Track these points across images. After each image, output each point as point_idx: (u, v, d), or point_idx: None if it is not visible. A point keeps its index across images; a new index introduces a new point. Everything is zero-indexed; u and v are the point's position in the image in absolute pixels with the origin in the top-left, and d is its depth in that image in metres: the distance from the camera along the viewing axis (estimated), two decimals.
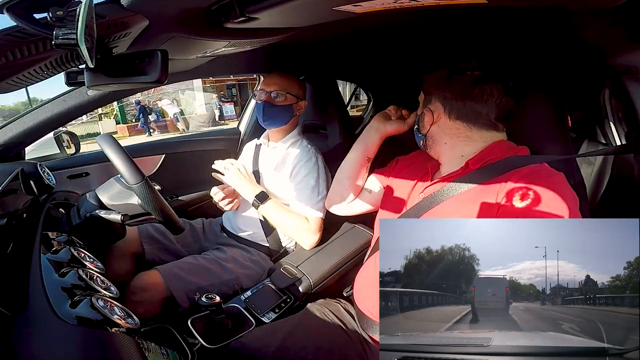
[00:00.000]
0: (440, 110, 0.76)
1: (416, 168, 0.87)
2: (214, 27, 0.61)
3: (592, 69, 0.90)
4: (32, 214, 0.77)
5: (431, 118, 0.77)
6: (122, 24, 0.52)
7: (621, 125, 1.27)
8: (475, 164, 0.71)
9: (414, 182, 0.84)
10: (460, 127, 0.75)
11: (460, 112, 0.74)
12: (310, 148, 1.20)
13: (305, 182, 1.13)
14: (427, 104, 0.79)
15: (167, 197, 1.45)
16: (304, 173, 1.14)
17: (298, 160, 1.16)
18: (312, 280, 0.98)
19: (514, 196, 0.63)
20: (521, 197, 0.62)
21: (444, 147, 0.78)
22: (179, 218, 0.86)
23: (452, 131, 0.76)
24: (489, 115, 0.72)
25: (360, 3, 0.51)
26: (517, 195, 0.63)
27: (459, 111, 0.74)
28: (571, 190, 0.63)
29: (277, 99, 1.16)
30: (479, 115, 0.73)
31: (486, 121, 0.73)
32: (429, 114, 0.77)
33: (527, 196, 0.62)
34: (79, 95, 1.01)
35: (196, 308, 0.85)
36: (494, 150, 0.72)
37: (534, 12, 0.67)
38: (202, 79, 10.40)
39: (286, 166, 1.18)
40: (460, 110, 0.74)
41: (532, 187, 0.62)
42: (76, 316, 0.52)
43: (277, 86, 1.16)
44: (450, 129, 0.76)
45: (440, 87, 0.75)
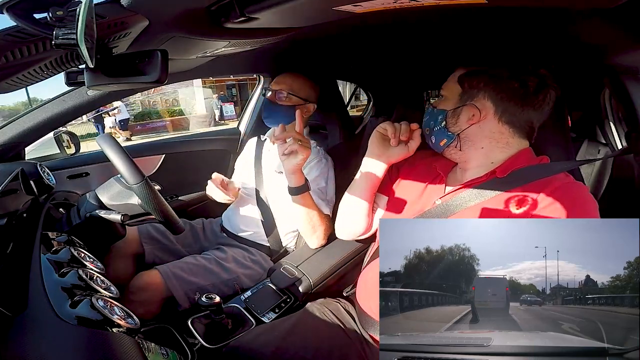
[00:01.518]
0: (489, 109, 0.68)
1: (423, 171, 0.82)
2: (214, 27, 0.61)
3: (592, 69, 0.90)
4: (32, 214, 0.77)
5: (475, 116, 0.69)
6: (122, 24, 0.52)
7: (621, 125, 1.27)
8: (503, 172, 0.68)
9: (424, 186, 0.79)
10: (505, 132, 0.69)
11: (514, 117, 0.68)
12: (319, 149, 1.20)
13: (317, 182, 1.12)
14: (470, 99, 0.70)
15: (167, 197, 1.45)
16: (315, 174, 1.13)
17: (308, 161, 1.15)
18: (312, 280, 0.98)
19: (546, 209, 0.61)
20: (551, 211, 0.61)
21: (479, 151, 0.71)
22: (178, 218, 0.86)
23: (495, 135, 0.69)
24: (536, 123, 0.69)
25: (360, 3, 0.51)
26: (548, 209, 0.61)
27: (513, 116, 0.68)
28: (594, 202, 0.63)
29: (281, 99, 1.16)
30: (529, 123, 0.69)
31: (530, 129, 0.69)
32: (473, 110, 0.69)
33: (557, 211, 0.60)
34: (79, 95, 1.01)
35: (196, 308, 0.85)
36: (521, 158, 0.69)
37: (533, 12, 0.67)
38: (202, 79, 10.40)
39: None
40: (515, 115, 0.67)
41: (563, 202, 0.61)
42: (76, 316, 0.52)
43: (284, 86, 1.16)
44: (492, 132, 0.69)
45: (497, 86, 0.67)
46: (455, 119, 0.71)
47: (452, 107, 0.72)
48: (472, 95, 0.70)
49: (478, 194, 0.67)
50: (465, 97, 0.71)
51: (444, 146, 0.74)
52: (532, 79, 0.66)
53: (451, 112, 0.72)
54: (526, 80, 0.66)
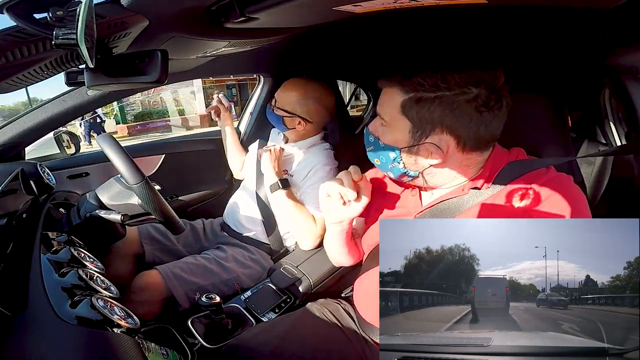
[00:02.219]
0: (451, 143, 0.59)
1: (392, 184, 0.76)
2: (214, 27, 0.61)
3: (592, 69, 0.90)
4: (32, 214, 0.77)
5: (436, 154, 0.60)
6: (122, 24, 0.52)
7: (621, 125, 1.27)
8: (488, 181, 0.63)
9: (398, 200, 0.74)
10: (473, 156, 0.62)
11: (478, 141, 0.59)
12: (330, 152, 1.21)
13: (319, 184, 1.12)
14: (425, 135, 0.59)
15: (167, 197, 1.45)
16: (321, 175, 1.13)
17: (317, 162, 1.15)
18: (312, 280, 0.98)
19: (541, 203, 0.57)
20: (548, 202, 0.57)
21: (450, 177, 0.65)
22: (179, 218, 0.86)
23: (463, 162, 0.62)
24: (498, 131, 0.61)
25: (360, 3, 0.51)
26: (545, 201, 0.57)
27: (476, 140, 0.59)
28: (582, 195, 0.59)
29: (275, 108, 1.18)
30: (494, 137, 0.61)
31: (495, 139, 0.62)
32: (433, 149, 0.60)
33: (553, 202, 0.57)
34: (79, 95, 1.01)
35: (196, 308, 0.85)
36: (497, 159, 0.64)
37: (533, 12, 0.67)
38: (202, 79, 10.40)
39: (299, 167, 1.18)
40: (478, 139, 0.59)
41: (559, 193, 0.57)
42: (76, 316, 0.52)
43: (279, 97, 1.17)
44: (460, 162, 0.62)
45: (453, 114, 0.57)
46: (413, 158, 0.62)
47: (404, 145, 0.61)
48: (426, 130, 0.59)
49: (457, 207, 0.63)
50: (418, 134, 0.60)
51: (406, 181, 0.67)
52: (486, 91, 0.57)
53: (406, 150, 0.62)
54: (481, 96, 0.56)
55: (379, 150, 0.65)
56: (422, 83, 0.57)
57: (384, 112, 0.64)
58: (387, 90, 0.63)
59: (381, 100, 0.64)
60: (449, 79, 0.56)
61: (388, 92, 0.63)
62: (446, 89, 0.57)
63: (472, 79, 0.56)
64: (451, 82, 0.56)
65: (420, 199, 0.71)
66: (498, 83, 0.57)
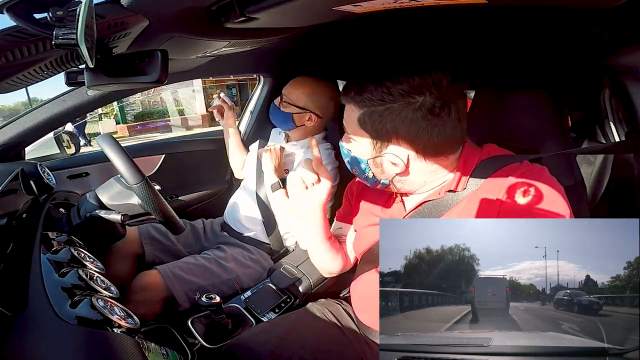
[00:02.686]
0: (410, 153, 0.61)
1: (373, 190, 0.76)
2: (214, 27, 0.61)
3: (592, 69, 0.90)
4: (32, 214, 0.77)
5: (398, 165, 0.62)
6: (122, 24, 0.52)
7: (621, 125, 1.27)
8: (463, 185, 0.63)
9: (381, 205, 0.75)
10: (438, 161, 0.63)
11: (436, 146, 0.60)
12: (332, 152, 1.21)
13: None
14: (383, 147, 0.61)
15: (167, 197, 1.45)
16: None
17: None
18: (312, 280, 0.98)
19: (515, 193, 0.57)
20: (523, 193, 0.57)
21: (419, 183, 0.66)
22: (179, 218, 0.86)
23: (429, 168, 0.63)
24: (460, 132, 0.61)
25: (360, 3, 0.51)
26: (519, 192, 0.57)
27: (435, 147, 0.60)
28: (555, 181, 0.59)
29: (283, 105, 1.17)
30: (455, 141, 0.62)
31: (461, 139, 0.63)
32: (393, 159, 0.61)
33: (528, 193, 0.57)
34: (79, 95, 1.01)
35: (196, 308, 0.85)
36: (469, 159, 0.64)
37: (533, 12, 0.67)
38: (202, 79, 10.40)
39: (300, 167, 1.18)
40: (436, 145, 0.59)
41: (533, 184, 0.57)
42: (76, 316, 0.52)
43: (290, 94, 1.16)
44: (425, 168, 0.63)
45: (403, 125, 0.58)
46: (379, 168, 0.64)
47: (368, 157, 0.64)
48: (384, 142, 0.61)
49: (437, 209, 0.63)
50: (378, 145, 0.62)
51: (382, 188, 0.69)
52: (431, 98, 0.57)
53: (371, 162, 0.64)
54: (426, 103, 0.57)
55: (353, 161, 0.68)
56: (371, 97, 0.59)
57: (347, 126, 0.66)
58: (347, 106, 0.64)
59: (344, 115, 0.66)
60: (392, 91, 0.57)
61: (347, 108, 0.64)
62: (392, 101, 0.57)
63: (415, 88, 0.56)
64: (395, 94, 0.57)
65: (404, 204, 0.72)
66: (441, 88, 0.57)
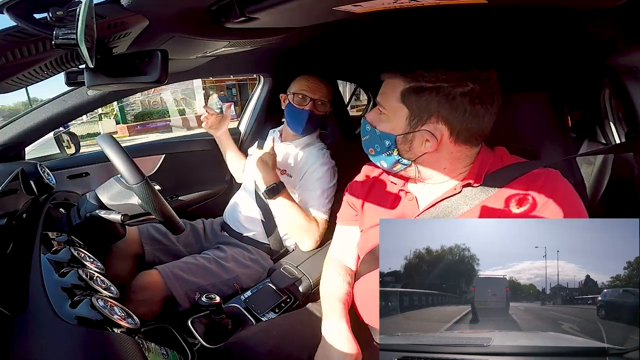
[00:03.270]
0: (444, 133, 0.61)
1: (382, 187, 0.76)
2: (214, 27, 0.61)
3: (592, 69, 0.90)
4: (32, 214, 0.77)
5: (430, 143, 0.62)
6: (122, 24, 0.52)
7: (621, 125, 1.27)
8: (477, 179, 0.64)
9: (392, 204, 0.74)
10: (463, 149, 0.64)
11: (470, 133, 0.62)
12: (326, 152, 1.20)
13: (319, 184, 1.12)
14: (421, 123, 0.62)
15: (167, 197, 1.45)
16: (318, 175, 1.13)
17: (313, 162, 1.16)
18: (312, 280, 0.98)
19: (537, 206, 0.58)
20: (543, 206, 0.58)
21: (441, 170, 0.66)
22: (179, 218, 0.86)
23: (454, 154, 0.64)
24: (488, 128, 0.64)
25: (360, 3, 0.51)
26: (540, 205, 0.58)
27: (468, 133, 0.62)
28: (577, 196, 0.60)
29: (320, 108, 1.16)
30: (484, 133, 0.64)
31: (486, 134, 0.65)
32: (428, 136, 0.62)
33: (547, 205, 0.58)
34: (79, 95, 1.01)
35: (196, 308, 0.85)
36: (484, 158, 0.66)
37: (533, 12, 0.67)
38: (202, 79, 10.40)
39: (296, 167, 1.18)
40: (470, 132, 0.61)
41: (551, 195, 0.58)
42: (76, 316, 0.52)
43: (321, 94, 1.16)
44: (451, 153, 0.64)
45: (449, 105, 0.60)
46: (408, 145, 0.64)
47: (400, 132, 0.64)
48: (423, 118, 0.62)
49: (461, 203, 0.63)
50: (414, 121, 0.62)
51: (398, 170, 0.69)
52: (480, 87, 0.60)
53: (401, 138, 0.64)
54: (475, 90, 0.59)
55: (375, 138, 0.68)
56: (423, 74, 0.61)
57: (384, 100, 0.66)
58: (388, 81, 0.66)
59: (382, 90, 0.67)
60: (447, 74, 0.60)
61: (390, 82, 0.66)
62: (445, 80, 0.60)
63: (470, 76, 0.60)
64: (450, 76, 0.60)
65: (417, 202, 0.71)
66: (491, 80, 0.61)
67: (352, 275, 0.83)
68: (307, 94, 1.15)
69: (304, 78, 1.18)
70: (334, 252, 0.88)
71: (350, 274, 0.83)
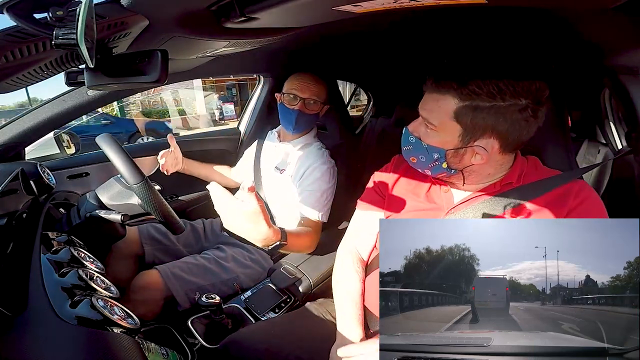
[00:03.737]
0: (495, 146, 0.62)
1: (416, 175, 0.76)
2: (214, 27, 0.61)
3: (592, 69, 0.90)
4: (32, 214, 0.77)
5: (481, 156, 0.63)
6: (122, 24, 0.52)
7: (621, 125, 1.27)
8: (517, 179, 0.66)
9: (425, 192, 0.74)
10: (507, 157, 0.66)
11: (515, 144, 0.63)
12: (325, 151, 1.19)
13: (318, 185, 1.11)
14: (474, 139, 0.61)
15: (167, 197, 1.45)
16: (317, 175, 1.12)
17: (312, 162, 1.14)
18: (312, 280, 0.98)
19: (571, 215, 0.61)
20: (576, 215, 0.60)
21: (485, 174, 0.68)
22: (179, 218, 0.86)
23: (498, 162, 0.66)
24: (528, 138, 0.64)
25: (360, 3, 0.51)
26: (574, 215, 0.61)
27: (515, 144, 0.63)
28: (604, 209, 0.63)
29: (310, 107, 1.14)
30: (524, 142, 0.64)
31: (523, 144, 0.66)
32: (480, 152, 0.62)
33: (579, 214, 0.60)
34: (79, 95, 1.01)
35: (196, 308, 0.85)
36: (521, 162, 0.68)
37: (533, 12, 0.67)
38: (202, 79, 10.40)
39: (295, 167, 1.17)
40: (516, 143, 0.63)
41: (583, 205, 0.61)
42: (76, 316, 0.52)
43: (311, 92, 1.14)
44: (496, 162, 0.66)
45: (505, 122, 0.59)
46: (458, 158, 0.65)
47: (451, 148, 0.63)
48: (476, 135, 0.61)
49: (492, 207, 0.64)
50: (467, 138, 0.62)
51: (444, 177, 0.70)
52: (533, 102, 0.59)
53: (452, 152, 0.64)
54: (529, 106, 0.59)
55: (420, 150, 0.67)
56: (479, 92, 0.58)
57: (433, 117, 0.63)
58: (437, 97, 0.62)
59: (429, 105, 0.64)
60: (504, 90, 0.58)
61: (439, 98, 0.62)
62: (501, 99, 0.58)
63: (523, 91, 0.58)
64: (506, 93, 0.58)
65: (452, 195, 0.72)
66: (543, 96, 0.60)
67: (364, 266, 0.81)
68: (296, 93, 1.13)
69: (295, 77, 1.17)
70: (350, 241, 0.84)
71: (363, 265, 0.81)
